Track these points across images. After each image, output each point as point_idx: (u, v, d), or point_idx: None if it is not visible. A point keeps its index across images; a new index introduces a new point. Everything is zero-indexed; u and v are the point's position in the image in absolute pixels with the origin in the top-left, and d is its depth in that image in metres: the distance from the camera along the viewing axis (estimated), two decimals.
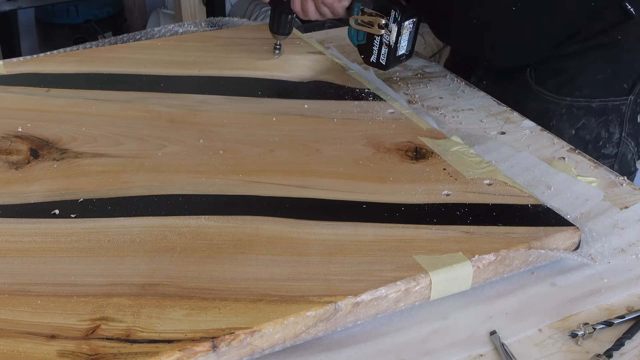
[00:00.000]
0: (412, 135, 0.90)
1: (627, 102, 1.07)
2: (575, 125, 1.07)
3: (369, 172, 0.83)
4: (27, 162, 0.84)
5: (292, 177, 0.82)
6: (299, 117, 0.95)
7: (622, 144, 1.08)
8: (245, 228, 0.73)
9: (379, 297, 0.64)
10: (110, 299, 0.63)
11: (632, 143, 1.10)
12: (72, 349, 0.58)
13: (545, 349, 0.64)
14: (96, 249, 0.70)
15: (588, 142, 1.07)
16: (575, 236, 0.73)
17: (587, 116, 1.06)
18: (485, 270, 0.69)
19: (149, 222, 0.74)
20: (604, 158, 1.08)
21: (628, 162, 1.11)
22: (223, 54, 1.13)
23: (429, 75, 1.16)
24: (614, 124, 1.07)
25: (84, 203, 0.77)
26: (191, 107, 0.97)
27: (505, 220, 0.74)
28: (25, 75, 1.05)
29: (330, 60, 1.11)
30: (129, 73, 1.06)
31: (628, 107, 1.07)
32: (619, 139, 1.08)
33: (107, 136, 0.90)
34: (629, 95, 1.06)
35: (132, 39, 1.28)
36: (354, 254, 0.69)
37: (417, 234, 0.72)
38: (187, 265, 0.67)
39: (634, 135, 1.10)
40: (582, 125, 1.07)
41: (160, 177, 0.81)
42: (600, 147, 1.08)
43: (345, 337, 0.65)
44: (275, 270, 0.67)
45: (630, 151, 1.10)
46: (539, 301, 0.70)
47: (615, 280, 0.72)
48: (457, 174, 0.82)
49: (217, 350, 0.58)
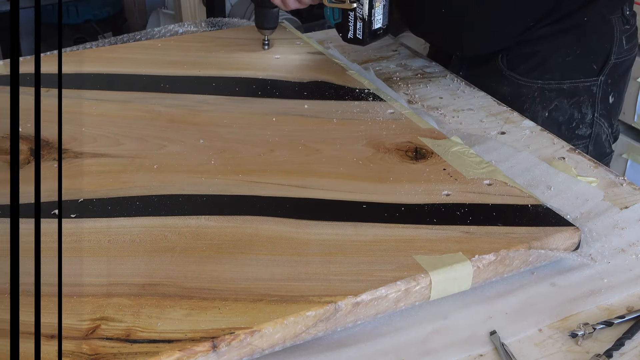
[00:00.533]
0: (412, 136, 0.90)
1: (597, 82, 1.09)
2: (548, 107, 1.09)
3: (369, 172, 0.83)
4: (27, 162, 0.84)
5: (292, 177, 0.82)
6: (299, 117, 0.95)
7: (595, 124, 1.11)
8: (245, 228, 0.73)
9: (379, 297, 0.64)
10: (110, 299, 0.63)
11: (605, 124, 1.12)
12: (72, 348, 0.58)
13: (545, 349, 0.64)
14: (96, 249, 0.70)
15: (561, 124, 1.10)
16: (575, 236, 0.73)
17: (559, 98, 1.09)
18: (485, 270, 0.69)
19: (149, 222, 0.74)
20: (578, 139, 1.10)
21: (602, 143, 1.13)
22: (223, 54, 1.13)
23: (429, 75, 1.16)
24: (586, 104, 1.10)
25: (84, 203, 0.77)
26: (191, 107, 0.97)
27: (505, 220, 0.74)
28: (25, 75, 1.05)
29: (330, 60, 1.11)
30: (129, 73, 1.06)
31: (599, 88, 1.10)
32: (592, 120, 1.10)
33: (107, 136, 0.90)
34: (599, 76, 1.09)
35: (132, 39, 1.28)
36: (354, 254, 0.69)
37: (417, 234, 0.72)
38: (187, 265, 0.67)
39: (607, 116, 1.13)
40: (555, 107, 1.09)
41: (160, 177, 0.81)
42: (574, 128, 1.10)
43: (345, 337, 0.65)
44: (275, 270, 0.67)
45: (604, 132, 1.12)
46: (539, 301, 0.70)
47: (615, 280, 0.72)
48: (457, 174, 0.82)
49: (217, 350, 0.58)
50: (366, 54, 1.23)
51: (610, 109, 1.13)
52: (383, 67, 1.18)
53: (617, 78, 1.13)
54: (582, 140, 1.11)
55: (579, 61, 1.09)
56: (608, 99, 1.12)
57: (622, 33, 1.11)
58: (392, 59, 1.21)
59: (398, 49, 1.26)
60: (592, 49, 1.09)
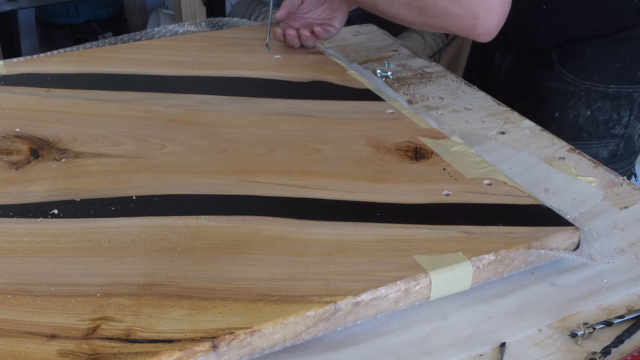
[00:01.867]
0: (412, 135, 0.90)
1: (639, 89, 1.15)
2: (591, 107, 1.15)
3: (369, 172, 0.83)
4: (27, 162, 0.84)
5: (292, 177, 0.82)
6: (299, 117, 0.95)
7: (630, 125, 1.17)
8: (245, 228, 0.73)
9: (379, 297, 0.64)
10: (110, 299, 0.63)
11: (638, 125, 1.19)
12: (72, 348, 0.58)
13: (545, 349, 0.64)
14: (96, 249, 0.70)
15: (600, 123, 1.15)
16: (575, 236, 0.73)
17: (602, 100, 1.15)
18: (485, 270, 0.69)
19: (149, 222, 0.74)
20: (612, 137, 1.17)
21: (634, 141, 1.20)
22: (223, 54, 1.13)
23: (429, 75, 1.16)
24: (625, 108, 1.16)
25: (84, 203, 0.77)
26: (191, 107, 0.97)
27: (505, 220, 0.74)
28: (25, 75, 1.05)
29: (330, 60, 1.11)
30: (129, 73, 1.06)
31: (639, 94, 1.16)
32: (628, 122, 1.17)
33: (107, 136, 0.90)
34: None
35: (132, 39, 1.28)
36: (354, 254, 0.69)
37: (417, 234, 0.72)
38: (187, 265, 0.67)
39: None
40: (597, 108, 1.15)
41: (160, 177, 0.81)
42: (610, 128, 1.16)
43: (345, 337, 0.65)
44: (275, 270, 0.67)
45: (636, 132, 1.19)
46: (539, 301, 0.70)
47: (615, 280, 0.72)
48: (457, 174, 0.82)
49: (217, 350, 0.58)
50: (366, 53, 1.23)
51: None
52: (383, 67, 1.18)
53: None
54: (616, 138, 1.17)
55: (626, 69, 1.14)
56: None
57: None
58: (392, 59, 1.21)
59: (398, 49, 1.26)
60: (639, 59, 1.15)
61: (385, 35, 1.32)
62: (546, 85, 1.16)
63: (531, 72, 1.19)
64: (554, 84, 1.16)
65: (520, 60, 1.22)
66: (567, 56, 1.16)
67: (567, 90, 1.15)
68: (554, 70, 1.16)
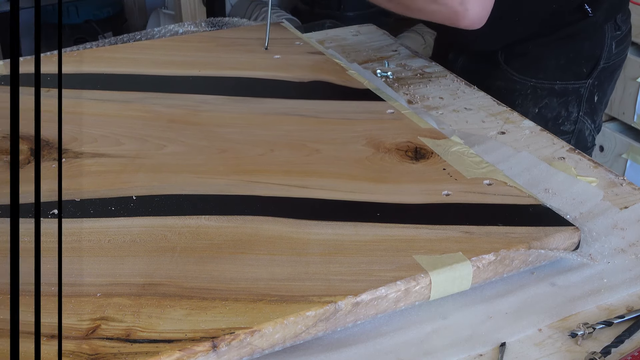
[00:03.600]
0: (412, 135, 0.90)
1: (585, 85, 1.17)
2: (539, 105, 1.17)
3: (369, 172, 0.83)
4: (27, 162, 0.84)
5: (292, 177, 0.82)
6: (299, 117, 0.95)
7: (579, 121, 1.20)
8: (245, 228, 0.73)
9: (379, 297, 0.64)
10: (110, 299, 0.63)
11: (588, 121, 1.21)
12: (72, 348, 0.58)
13: (545, 349, 0.64)
14: (96, 249, 0.70)
15: (549, 120, 1.18)
16: (575, 236, 0.73)
17: (549, 97, 1.17)
18: (485, 270, 0.69)
19: (149, 222, 0.74)
20: (562, 134, 1.18)
21: (585, 137, 1.22)
22: (223, 54, 1.13)
23: (429, 75, 1.16)
24: (573, 104, 1.18)
25: (84, 203, 0.77)
26: (191, 107, 0.97)
27: (505, 220, 0.74)
28: (25, 75, 1.05)
29: (330, 60, 1.11)
30: (129, 73, 1.06)
31: (586, 90, 1.18)
32: (577, 118, 1.19)
33: (107, 136, 0.90)
34: (587, 79, 1.17)
35: (132, 39, 1.28)
36: (354, 254, 0.69)
37: (417, 234, 0.72)
38: (187, 265, 0.67)
39: (590, 114, 1.21)
40: (545, 105, 1.17)
41: (160, 177, 0.81)
42: (560, 125, 1.19)
43: (345, 337, 0.65)
44: (275, 270, 0.67)
45: (587, 128, 1.21)
46: (538, 301, 0.70)
47: (615, 280, 0.72)
48: (457, 174, 0.82)
49: (217, 350, 0.58)
50: (366, 53, 1.23)
51: (595, 107, 1.21)
52: (383, 67, 1.18)
53: (604, 79, 1.20)
54: (566, 135, 1.19)
55: (571, 65, 1.16)
56: (593, 99, 1.20)
57: (613, 39, 1.17)
58: (392, 59, 1.21)
59: (398, 49, 1.26)
60: (584, 54, 1.16)
61: (385, 35, 1.32)
62: (495, 84, 1.17)
63: (481, 72, 1.20)
64: (502, 82, 1.17)
65: (471, 62, 1.24)
66: (512, 56, 1.17)
67: (514, 88, 1.17)
68: (501, 70, 1.18)
